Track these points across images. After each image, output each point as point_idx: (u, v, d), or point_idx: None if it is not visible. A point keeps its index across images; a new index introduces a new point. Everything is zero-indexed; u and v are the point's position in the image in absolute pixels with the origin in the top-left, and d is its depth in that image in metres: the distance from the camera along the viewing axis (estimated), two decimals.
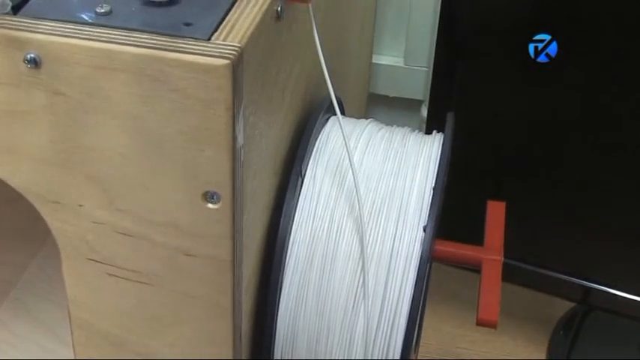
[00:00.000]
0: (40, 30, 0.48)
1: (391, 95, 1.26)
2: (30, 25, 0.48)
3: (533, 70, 0.89)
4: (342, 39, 0.90)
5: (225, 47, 0.47)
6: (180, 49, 0.47)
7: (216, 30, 0.49)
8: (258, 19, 0.51)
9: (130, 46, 0.47)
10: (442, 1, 0.95)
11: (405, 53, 1.23)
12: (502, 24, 0.91)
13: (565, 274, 1.03)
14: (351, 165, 0.65)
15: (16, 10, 0.50)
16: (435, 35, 1.13)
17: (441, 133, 0.72)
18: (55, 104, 0.50)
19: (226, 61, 0.46)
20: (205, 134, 0.49)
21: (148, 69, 0.47)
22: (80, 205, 0.54)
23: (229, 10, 0.51)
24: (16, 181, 0.54)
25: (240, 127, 0.49)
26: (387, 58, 1.24)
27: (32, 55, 0.48)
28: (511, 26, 0.91)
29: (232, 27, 0.49)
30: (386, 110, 1.28)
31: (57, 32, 0.48)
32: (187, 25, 0.49)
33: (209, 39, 0.48)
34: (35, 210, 0.55)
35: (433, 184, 0.66)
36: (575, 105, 0.93)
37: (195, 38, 0.48)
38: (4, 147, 0.53)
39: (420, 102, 1.25)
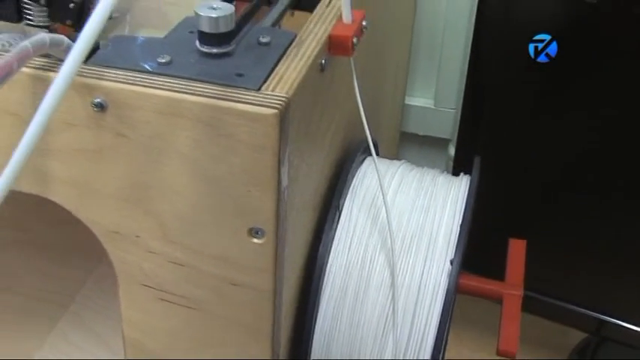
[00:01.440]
0: (106, 77, 0.49)
1: (421, 134, 1.26)
2: (98, 72, 0.49)
3: (555, 119, 0.89)
4: (379, 83, 0.90)
5: (274, 97, 0.47)
6: (233, 98, 0.47)
7: (265, 81, 0.49)
8: (304, 71, 0.51)
9: (188, 95, 0.47)
10: (471, 50, 0.95)
11: (435, 96, 1.23)
12: (527, 71, 0.91)
13: (580, 307, 1.02)
14: (384, 202, 0.65)
15: (86, 58, 0.51)
16: (463, 80, 1.14)
17: (467, 176, 0.72)
18: (119, 145, 0.50)
19: (274, 111, 0.46)
20: (253, 176, 0.49)
21: (204, 116, 0.47)
22: (137, 236, 0.54)
23: (277, 62, 0.51)
24: (81, 213, 0.55)
25: (285, 170, 0.49)
26: (419, 99, 1.25)
27: (99, 100, 0.49)
28: (535, 74, 0.91)
29: (280, 78, 0.50)
30: (416, 147, 1.28)
31: (122, 80, 0.49)
32: (239, 75, 0.49)
33: (259, 89, 0.48)
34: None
35: (460, 222, 0.66)
36: (593, 146, 0.93)
37: (247, 88, 0.48)
38: (72, 181, 0.53)
39: (447, 141, 1.25)
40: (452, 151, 1.22)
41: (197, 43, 0.51)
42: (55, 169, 0.53)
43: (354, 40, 0.56)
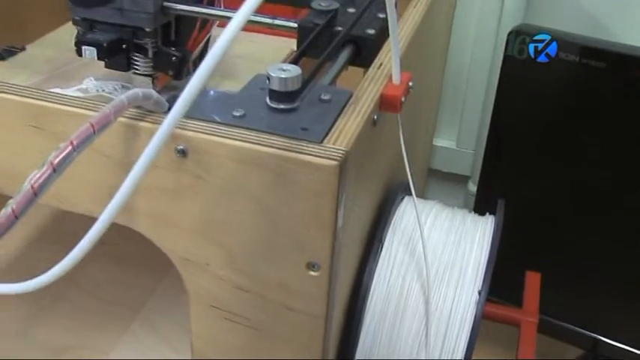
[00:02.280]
0: (188, 127, 0.47)
1: (444, 170, 1.24)
2: (182, 123, 0.47)
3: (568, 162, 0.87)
4: (415, 129, 0.88)
5: (334, 150, 0.45)
6: (299, 150, 0.45)
7: (327, 135, 0.47)
8: (360, 126, 0.49)
9: (259, 146, 0.46)
10: (495, 102, 0.92)
11: (458, 138, 1.21)
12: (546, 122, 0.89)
13: (577, 326, 1.00)
14: (422, 238, 0.63)
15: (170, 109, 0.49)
16: (482, 125, 1.12)
17: (492, 216, 0.70)
18: (196, 186, 0.49)
19: (335, 162, 0.44)
20: (313, 218, 0.47)
21: (273, 164, 0.46)
22: (207, 264, 0.52)
23: (337, 117, 0.50)
24: (159, 241, 0.53)
25: (341, 213, 0.47)
26: (443, 141, 1.22)
27: (181, 147, 0.47)
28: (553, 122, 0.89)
29: (340, 132, 0.48)
30: (440, 182, 1.26)
31: (202, 130, 0.47)
32: (304, 129, 0.47)
33: (321, 142, 0.46)
34: None
35: (487, 258, 0.64)
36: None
37: (311, 141, 0.46)
38: (152, 214, 0.52)
39: (467, 177, 1.23)
40: (471, 186, 1.20)
41: (267, 99, 0.49)
42: (139, 203, 0.51)
43: (402, 99, 0.54)
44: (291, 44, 0.72)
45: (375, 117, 0.53)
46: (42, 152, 0.49)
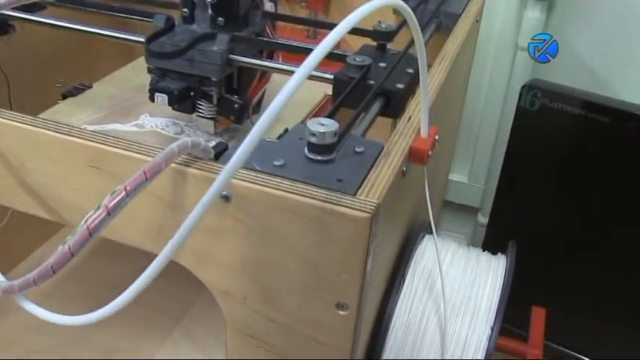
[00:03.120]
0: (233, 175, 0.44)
1: (457, 202, 1.20)
2: (220, 168, 0.44)
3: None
4: (436, 168, 0.85)
5: (367, 202, 0.42)
6: (334, 201, 0.42)
7: (360, 186, 0.44)
8: (390, 179, 0.46)
9: (297, 195, 0.42)
10: (507, 147, 0.89)
11: (469, 174, 1.17)
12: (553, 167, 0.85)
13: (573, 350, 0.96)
14: (440, 276, 0.59)
15: (217, 157, 0.47)
16: (492, 164, 1.08)
17: (503, 256, 0.66)
18: (237, 228, 0.45)
19: (367, 215, 0.41)
20: (345, 263, 0.44)
21: (310, 213, 0.42)
22: (244, 298, 0.49)
23: (370, 169, 0.46)
24: (200, 275, 0.50)
25: (370, 259, 0.44)
26: (456, 175, 1.19)
27: (225, 194, 0.44)
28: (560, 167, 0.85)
29: (372, 185, 0.44)
30: (452, 212, 1.22)
31: (244, 178, 0.44)
32: (339, 180, 0.44)
33: (355, 194, 0.43)
34: None
35: (499, 296, 0.60)
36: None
37: (345, 192, 0.43)
38: (195, 251, 0.48)
39: (477, 209, 1.18)
40: (480, 217, 1.16)
41: (306, 150, 0.46)
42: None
43: (430, 152, 0.51)
44: (325, 88, 0.69)
45: (405, 169, 0.49)
46: (99, 190, 0.47)
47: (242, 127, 0.72)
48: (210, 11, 0.66)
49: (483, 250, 0.65)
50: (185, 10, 0.67)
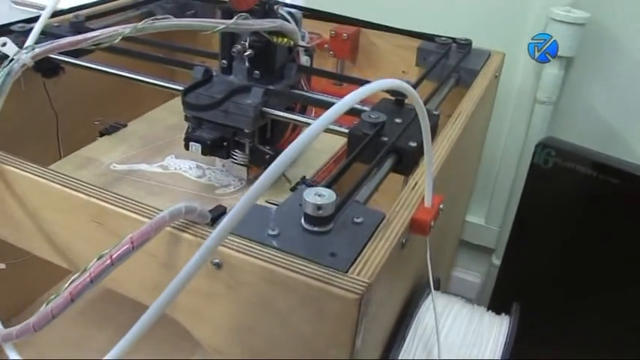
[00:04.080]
0: (225, 243, 0.39)
1: (473, 242, 1.12)
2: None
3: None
4: (452, 211, 0.78)
5: (357, 282, 0.37)
6: (324, 279, 0.37)
7: (353, 263, 0.38)
8: (387, 253, 0.40)
9: (287, 270, 0.37)
10: (521, 200, 0.82)
11: (486, 216, 1.10)
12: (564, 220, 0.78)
13: None
14: (437, 342, 0.53)
15: (213, 221, 0.42)
16: (507, 208, 1.01)
17: (507, 317, 0.59)
18: (228, 294, 0.41)
19: (356, 296, 0.36)
20: (334, 338, 0.38)
21: (299, 289, 0.37)
22: (234, 357, 0.44)
23: (367, 243, 0.41)
24: (193, 333, 0.45)
25: (360, 337, 0.38)
26: (473, 217, 1.11)
27: (217, 261, 0.39)
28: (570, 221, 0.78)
29: (367, 260, 0.39)
30: (468, 251, 1.14)
31: (237, 248, 0.39)
32: (332, 255, 0.39)
33: (347, 271, 0.38)
34: None
35: (500, 356, 0.53)
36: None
37: (337, 270, 0.37)
38: (188, 310, 0.44)
39: (492, 250, 1.11)
40: (494, 259, 1.08)
41: (302, 220, 0.41)
42: (179, 298, 0.43)
43: (432, 223, 0.45)
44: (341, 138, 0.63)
45: (404, 240, 0.43)
46: (101, 244, 0.43)
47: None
48: (247, 64, 0.62)
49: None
50: (224, 61, 0.63)
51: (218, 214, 0.42)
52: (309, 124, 0.61)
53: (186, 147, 0.61)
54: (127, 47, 0.69)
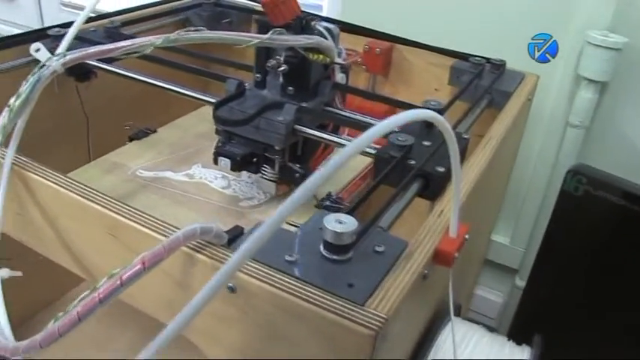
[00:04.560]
0: (241, 268, 0.36)
1: (497, 262, 1.08)
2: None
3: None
4: (477, 231, 0.75)
5: (374, 317, 0.34)
6: (339, 312, 0.34)
7: (371, 294, 0.36)
8: (408, 286, 0.37)
9: (302, 300, 0.35)
10: (548, 226, 0.78)
11: (512, 237, 1.05)
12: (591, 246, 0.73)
13: None
14: None
15: (230, 242, 0.39)
16: (534, 230, 0.97)
17: (528, 348, 0.55)
18: (244, 319, 0.38)
19: (371, 332, 0.33)
20: None
21: (313, 320, 0.35)
22: None
23: (387, 273, 0.38)
24: (206, 352, 0.43)
25: None
26: (499, 237, 1.07)
27: (231, 285, 0.37)
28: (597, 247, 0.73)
29: (386, 293, 0.36)
30: (492, 271, 1.10)
31: (252, 274, 0.36)
32: (350, 286, 0.36)
33: (364, 304, 0.35)
34: None
35: None
36: None
37: (353, 302, 0.35)
38: (202, 331, 0.41)
39: (516, 270, 1.06)
40: (518, 280, 1.04)
41: (321, 246, 0.38)
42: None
43: (456, 254, 0.42)
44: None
45: (427, 271, 0.40)
46: (115, 256, 0.41)
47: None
48: (281, 79, 0.59)
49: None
50: (258, 75, 0.60)
51: (235, 235, 0.40)
52: (340, 144, 0.58)
53: (215, 161, 0.58)
54: (159, 55, 0.67)
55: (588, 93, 0.85)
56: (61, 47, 0.54)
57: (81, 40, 0.72)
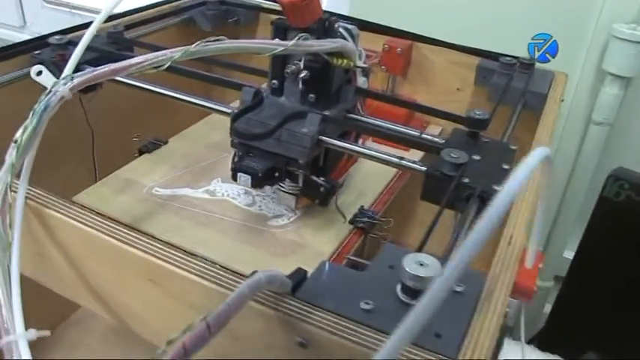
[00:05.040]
0: (310, 320, 0.32)
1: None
2: (303, 311, 0.32)
3: None
4: None
5: None
6: None
7: (461, 344, 0.31)
8: (496, 329, 0.33)
9: None
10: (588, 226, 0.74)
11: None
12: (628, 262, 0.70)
13: None
14: None
15: (294, 289, 0.35)
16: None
17: None
18: None
19: None
20: None
21: None
22: None
23: (471, 319, 0.34)
24: None
25: None
26: None
27: (302, 341, 0.32)
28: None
29: (476, 342, 0.32)
30: None
31: (324, 326, 0.32)
32: (437, 335, 0.32)
33: (456, 357, 0.31)
34: None
35: None
36: None
37: (445, 355, 0.30)
38: None
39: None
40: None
41: (398, 289, 0.34)
42: None
43: (535, 288, 0.38)
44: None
45: (508, 310, 0.36)
46: (161, 307, 0.36)
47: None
48: (300, 85, 0.54)
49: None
50: (274, 81, 0.55)
51: (298, 281, 0.35)
52: (368, 155, 0.53)
53: (234, 177, 0.53)
54: None
55: (613, 89, 0.81)
56: (68, 69, 0.47)
57: None
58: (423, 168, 0.48)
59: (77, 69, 0.66)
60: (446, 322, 0.33)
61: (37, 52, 0.64)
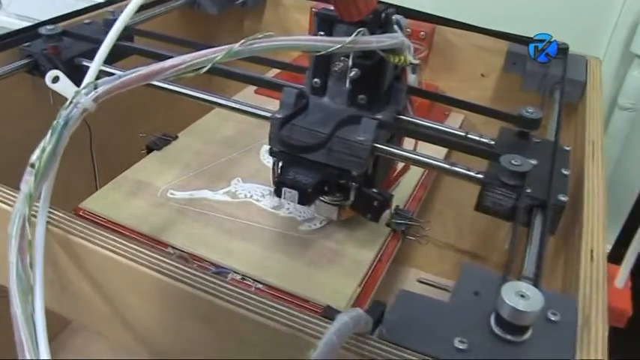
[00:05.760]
0: None
1: None
2: (392, 355, 0.28)
3: None
4: None
5: None
6: None
7: None
8: None
9: None
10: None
11: None
12: None
13: None
14: None
15: (375, 326, 0.30)
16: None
17: None
18: None
19: None
20: None
21: None
22: None
23: (574, 352, 0.30)
24: None
25: None
26: None
27: None
28: None
29: None
30: None
31: None
32: None
33: None
34: None
35: None
36: None
37: None
38: None
39: None
40: None
41: (492, 321, 0.30)
42: None
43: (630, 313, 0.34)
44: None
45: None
46: (213, 351, 0.31)
47: None
48: (347, 85, 0.47)
49: None
50: (316, 80, 0.48)
51: (378, 315, 0.31)
52: (423, 163, 0.48)
53: (278, 193, 0.47)
54: (165, 52, 0.56)
55: None
56: (89, 76, 0.39)
57: (73, 36, 0.60)
58: (480, 176, 0.44)
59: (71, 62, 0.61)
60: (542, 354, 0.29)
61: (26, 44, 0.58)
